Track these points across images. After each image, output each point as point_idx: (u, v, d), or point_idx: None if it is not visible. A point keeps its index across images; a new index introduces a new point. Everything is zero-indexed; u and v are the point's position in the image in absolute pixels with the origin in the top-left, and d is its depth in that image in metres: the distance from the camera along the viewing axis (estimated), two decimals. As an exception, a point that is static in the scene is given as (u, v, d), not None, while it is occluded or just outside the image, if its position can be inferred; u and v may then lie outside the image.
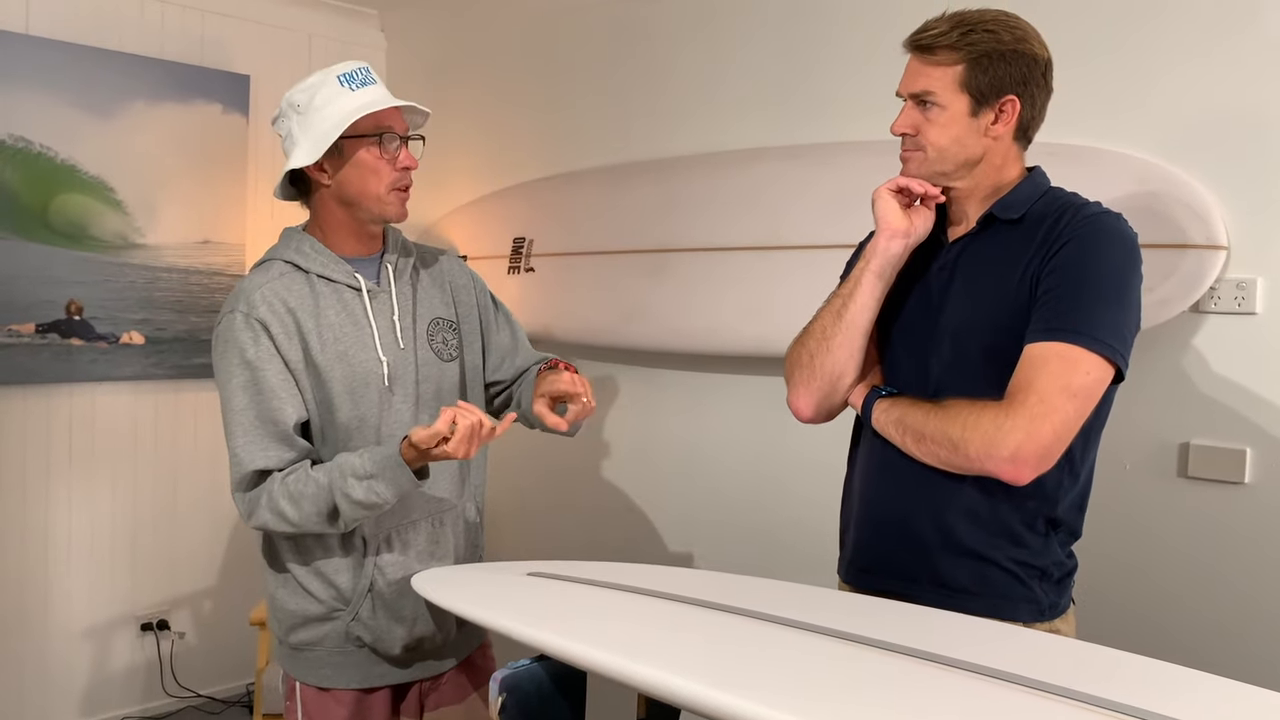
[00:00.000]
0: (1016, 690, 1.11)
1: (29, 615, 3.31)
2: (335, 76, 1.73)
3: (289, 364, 1.72)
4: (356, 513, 1.65)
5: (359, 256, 1.82)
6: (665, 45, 3.11)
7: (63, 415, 3.35)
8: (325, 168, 1.74)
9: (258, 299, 1.72)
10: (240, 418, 1.69)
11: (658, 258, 2.96)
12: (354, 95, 1.72)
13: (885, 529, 1.62)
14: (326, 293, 1.76)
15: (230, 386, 1.71)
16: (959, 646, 1.24)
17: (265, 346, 1.70)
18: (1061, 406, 1.40)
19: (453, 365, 1.88)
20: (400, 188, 1.77)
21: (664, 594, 1.48)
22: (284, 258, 1.78)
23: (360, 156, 1.73)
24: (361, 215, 1.78)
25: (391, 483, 1.63)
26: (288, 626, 1.82)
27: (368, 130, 1.72)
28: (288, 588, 1.81)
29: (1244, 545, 2.08)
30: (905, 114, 1.58)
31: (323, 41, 3.89)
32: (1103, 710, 1.05)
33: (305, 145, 1.72)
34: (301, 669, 1.83)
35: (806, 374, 1.65)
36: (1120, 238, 1.48)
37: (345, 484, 1.63)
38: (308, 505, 1.65)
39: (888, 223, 1.59)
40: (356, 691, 1.82)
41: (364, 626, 1.79)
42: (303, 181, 1.79)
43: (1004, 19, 1.52)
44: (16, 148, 3.17)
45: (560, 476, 3.41)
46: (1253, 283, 2.06)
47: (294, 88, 1.76)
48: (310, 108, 1.72)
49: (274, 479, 1.68)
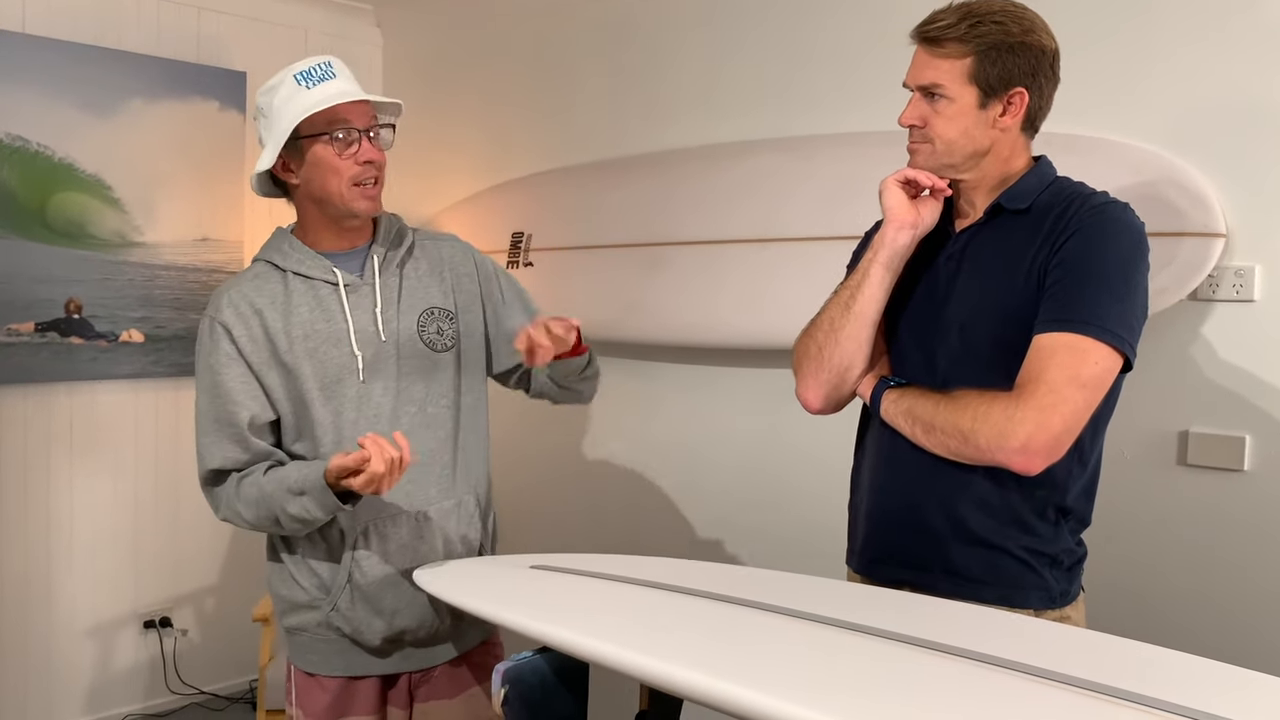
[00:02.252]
0: (1023, 679, 1.11)
1: (32, 613, 3.31)
2: (292, 75, 1.73)
3: (251, 366, 1.75)
4: (293, 525, 1.71)
5: (342, 250, 1.82)
6: (661, 40, 3.11)
7: (63, 414, 3.35)
8: (291, 168, 1.76)
9: (224, 303, 1.77)
10: (202, 419, 1.77)
11: (655, 251, 2.96)
12: (309, 93, 1.71)
13: (896, 519, 1.62)
14: (300, 290, 1.78)
15: (198, 387, 1.79)
16: (964, 635, 1.24)
17: (225, 350, 1.75)
18: (1071, 397, 1.41)
19: (447, 355, 1.87)
20: (362, 182, 1.75)
21: (665, 585, 1.48)
22: (265, 258, 1.82)
23: (317, 154, 1.73)
24: (331, 212, 1.78)
25: (319, 503, 1.67)
26: (280, 610, 1.88)
27: (321, 128, 1.72)
28: (279, 574, 1.86)
29: (1243, 532, 2.08)
30: (913, 106, 1.57)
31: (319, 37, 3.89)
32: (1109, 699, 1.06)
33: (268, 147, 1.74)
34: (293, 652, 1.89)
35: (815, 365, 1.65)
36: (1127, 228, 1.49)
37: (282, 498, 1.69)
38: (258, 509, 1.72)
39: (895, 214, 1.58)
40: (342, 679, 1.84)
41: (343, 618, 1.80)
42: (282, 182, 1.81)
43: (1012, 9, 1.52)
44: (14, 147, 3.17)
45: (559, 469, 3.41)
46: (1251, 270, 2.06)
47: (260, 88, 1.77)
48: (270, 108, 1.74)
49: (232, 479, 1.76)
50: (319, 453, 1.76)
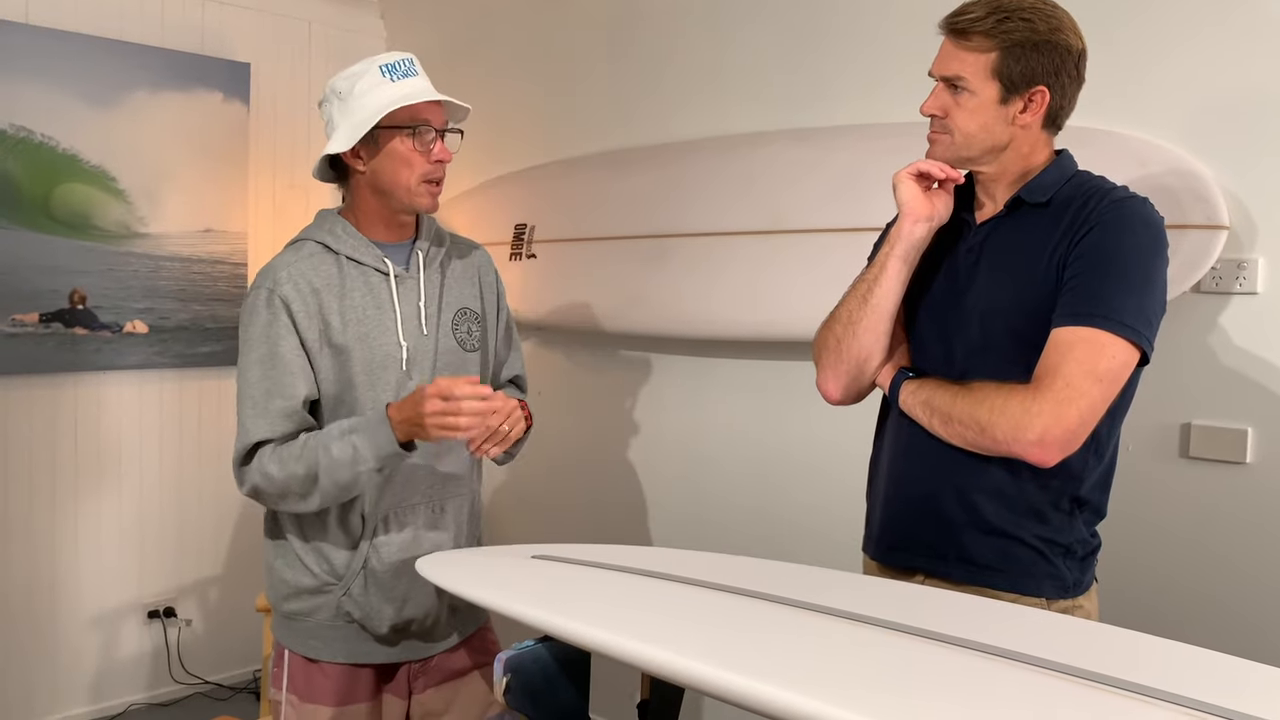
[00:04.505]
0: (1031, 671, 1.12)
1: (37, 603, 3.33)
2: (378, 66, 1.77)
3: (305, 343, 1.75)
4: (327, 480, 1.69)
5: (390, 242, 1.85)
6: (665, 29, 3.11)
7: (68, 404, 3.36)
8: (361, 155, 1.78)
9: (283, 277, 1.76)
10: (253, 390, 1.74)
11: (659, 243, 2.96)
12: (394, 86, 1.75)
13: (912, 507, 1.63)
14: (354, 275, 1.80)
15: (248, 359, 1.76)
16: (973, 628, 1.25)
17: (284, 323, 1.74)
18: (1088, 391, 1.41)
19: (474, 356, 1.92)
20: (432, 180, 1.80)
21: (668, 575, 1.49)
22: (316, 238, 1.82)
23: (394, 147, 1.76)
24: (393, 204, 1.81)
25: (369, 438, 1.67)
26: (282, 595, 1.86)
27: (404, 121, 1.75)
28: (285, 558, 1.85)
29: (1245, 525, 2.08)
30: (935, 95, 1.58)
31: (322, 29, 3.89)
32: (1117, 691, 1.06)
33: (343, 131, 1.76)
34: (291, 638, 1.87)
35: (834, 358, 1.66)
36: (1145, 223, 1.49)
37: (328, 440, 1.69)
38: (293, 466, 1.70)
39: (911, 208, 1.59)
40: (343, 666, 1.85)
41: (354, 603, 1.82)
42: (340, 166, 1.82)
43: (1042, 7, 1.52)
44: (18, 138, 3.17)
45: (561, 462, 3.42)
46: (1254, 262, 2.06)
47: (339, 74, 1.79)
48: (351, 95, 1.76)
49: (270, 445, 1.73)
50: None
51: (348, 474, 1.69)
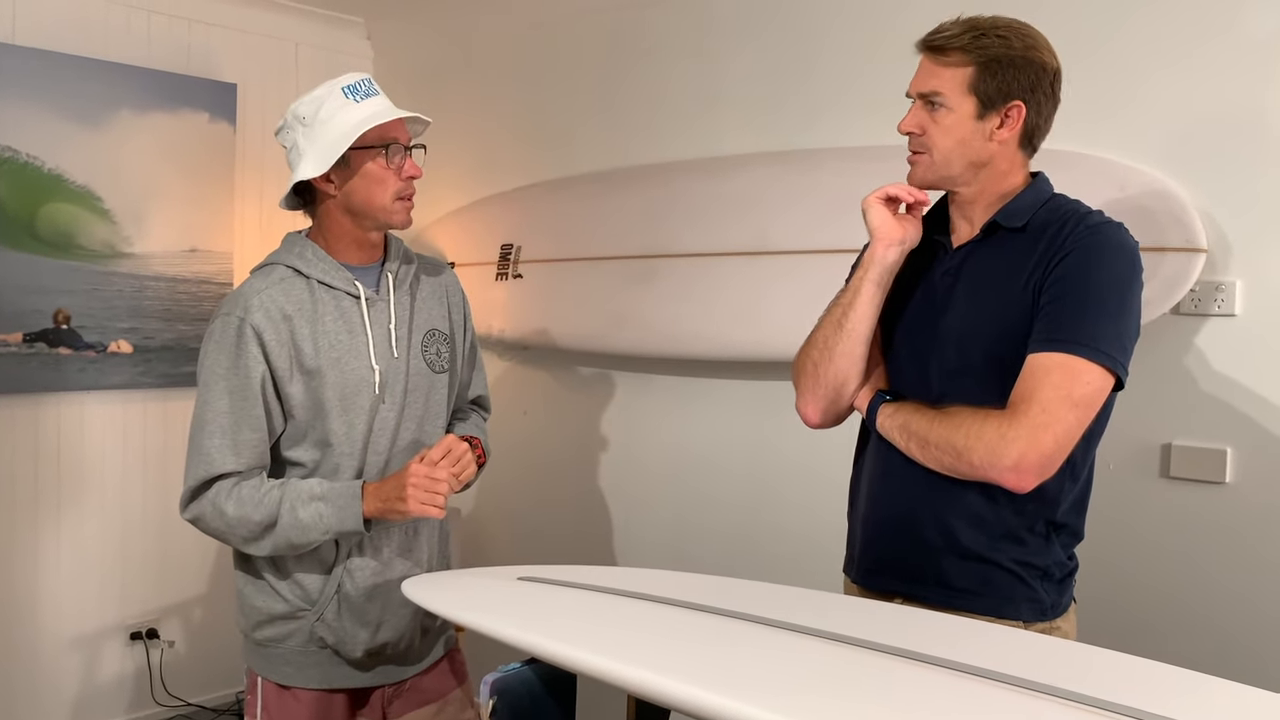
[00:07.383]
0: (1009, 690, 1.12)
1: (18, 624, 3.29)
2: (340, 88, 1.76)
3: (275, 372, 1.74)
4: (292, 533, 1.70)
5: (360, 265, 1.84)
6: (652, 53, 3.13)
7: (51, 424, 3.34)
8: (332, 178, 1.76)
9: (255, 304, 1.74)
10: (221, 420, 1.72)
11: (646, 263, 2.98)
12: (359, 107, 1.75)
13: (890, 531, 1.64)
14: (325, 299, 1.79)
15: (216, 388, 1.73)
16: (952, 648, 1.25)
17: (254, 354, 1.72)
18: (1064, 416, 1.42)
19: (443, 377, 1.91)
20: (404, 196, 1.80)
21: (653, 597, 1.49)
22: (286, 262, 1.80)
23: (367, 168, 1.76)
24: (367, 224, 1.80)
25: (337, 511, 1.69)
26: (254, 622, 1.84)
27: (373, 141, 1.75)
28: (255, 585, 1.84)
29: (1225, 544, 2.10)
30: (912, 113, 1.60)
31: (309, 50, 3.89)
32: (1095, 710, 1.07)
33: (312, 157, 1.74)
34: (264, 665, 1.85)
35: (811, 382, 1.67)
36: (1121, 248, 1.51)
37: (294, 499, 1.69)
38: (249, 508, 1.70)
39: (883, 232, 1.61)
40: (317, 691, 1.84)
41: (328, 628, 1.81)
42: (308, 191, 1.81)
43: (1017, 26, 1.55)
44: (4, 157, 3.16)
45: (549, 481, 3.41)
46: (1232, 285, 2.08)
47: (299, 100, 1.78)
48: (316, 120, 1.75)
49: (227, 481, 1.72)
50: (330, 461, 1.78)
51: (305, 537, 1.71)
